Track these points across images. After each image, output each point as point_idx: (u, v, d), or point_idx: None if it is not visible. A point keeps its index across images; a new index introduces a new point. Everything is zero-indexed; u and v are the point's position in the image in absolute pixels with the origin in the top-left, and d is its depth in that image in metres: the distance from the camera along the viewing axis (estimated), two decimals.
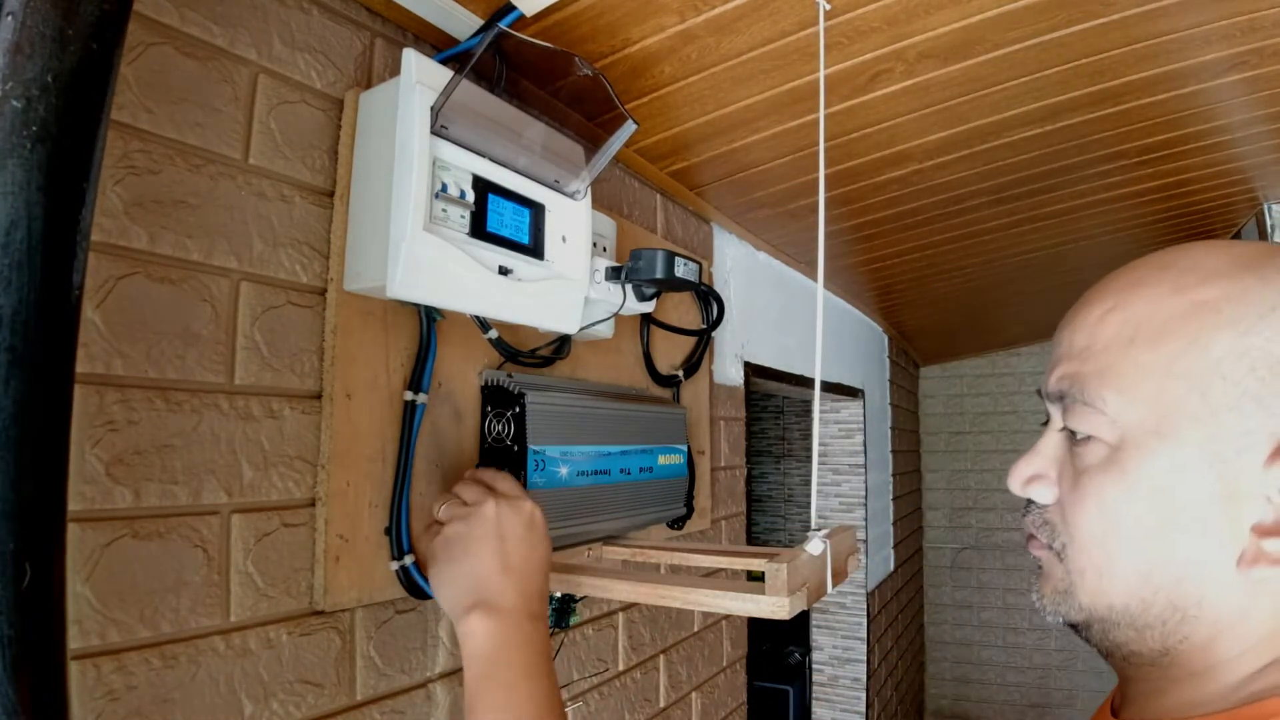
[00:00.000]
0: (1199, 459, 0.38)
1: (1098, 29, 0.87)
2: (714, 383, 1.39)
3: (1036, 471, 0.46)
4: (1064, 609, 0.45)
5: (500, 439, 0.79)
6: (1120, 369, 0.41)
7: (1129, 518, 0.40)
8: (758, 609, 0.61)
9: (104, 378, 0.52)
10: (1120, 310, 0.42)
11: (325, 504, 0.65)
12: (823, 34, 0.71)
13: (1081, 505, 0.43)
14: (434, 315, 0.74)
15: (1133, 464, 0.40)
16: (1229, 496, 0.38)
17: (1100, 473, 0.41)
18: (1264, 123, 1.23)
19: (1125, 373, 0.40)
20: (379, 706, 0.71)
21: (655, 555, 0.88)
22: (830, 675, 2.76)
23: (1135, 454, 0.40)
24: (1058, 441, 0.46)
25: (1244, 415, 0.37)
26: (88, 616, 0.51)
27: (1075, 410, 0.42)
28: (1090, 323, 0.43)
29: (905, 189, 1.37)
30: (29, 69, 0.34)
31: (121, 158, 0.54)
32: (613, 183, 1.13)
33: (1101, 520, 0.42)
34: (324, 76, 0.69)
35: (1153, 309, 0.40)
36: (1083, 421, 0.42)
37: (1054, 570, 0.45)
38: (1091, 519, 0.42)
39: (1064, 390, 0.43)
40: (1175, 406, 0.39)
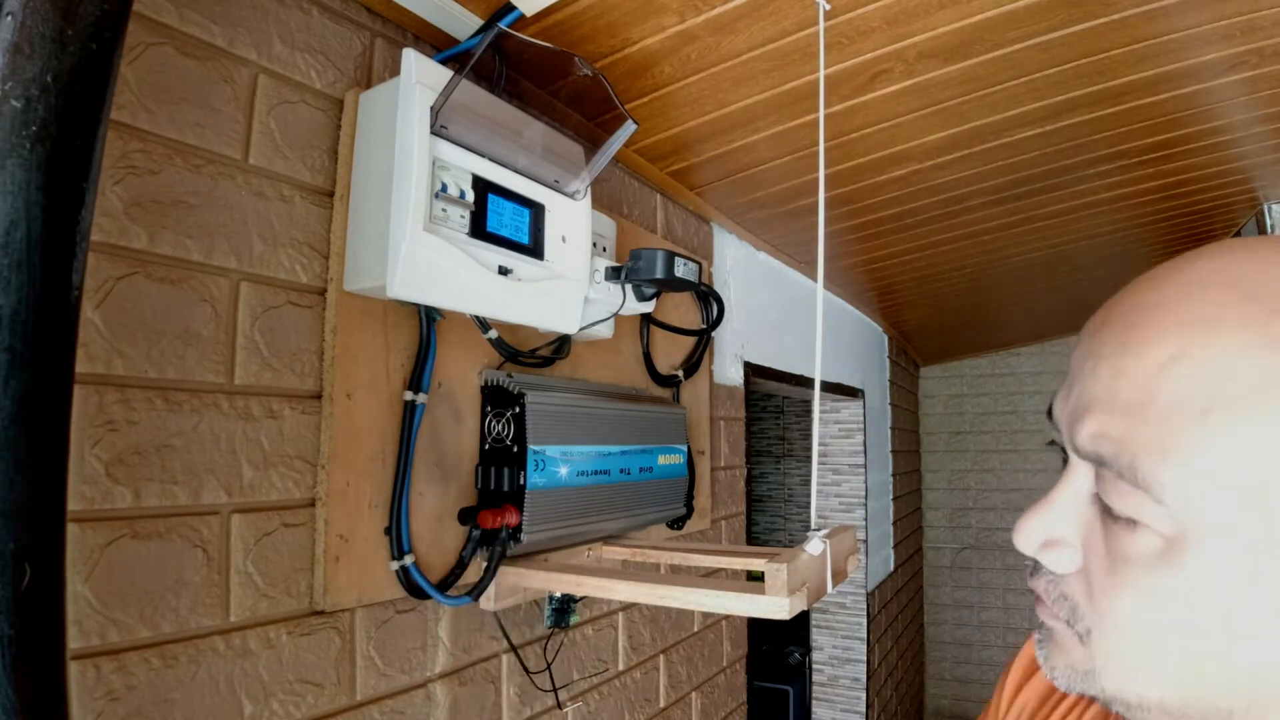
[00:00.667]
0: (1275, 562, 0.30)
1: (1098, 29, 0.87)
2: (714, 383, 1.39)
3: (1054, 536, 0.37)
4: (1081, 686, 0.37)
5: (500, 439, 0.79)
6: (1187, 447, 0.30)
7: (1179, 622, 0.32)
8: (758, 609, 0.61)
9: (104, 378, 0.52)
10: (1190, 363, 0.31)
11: (325, 504, 0.65)
12: (822, 34, 0.71)
13: (1119, 598, 0.34)
14: (434, 315, 0.74)
15: (1194, 565, 0.31)
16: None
17: (1149, 569, 0.33)
18: (1264, 123, 1.23)
19: (1194, 453, 0.30)
20: (379, 706, 0.71)
21: (655, 555, 0.88)
22: (830, 675, 2.76)
23: (1197, 555, 0.31)
24: (1082, 497, 0.36)
25: None
26: (88, 616, 0.51)
27: (1119, 488, 0.33)
28: (1145, 371, 0.32)
29: (905, 189, 1.37)
30: (29, 69, 0.34)
31: (121, 158, 0.54)
32: (613, 183, 1.13)
33: (1145, 618, 0.33)
34: (324, 76, 0.69)
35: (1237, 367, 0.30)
36: (1129, 504, 0.33)
37: (1072, 648, 0.37)
38: (1130, 614, 0.34)
39: (1105, 456, 0.33)
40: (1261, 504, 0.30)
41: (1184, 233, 1.96)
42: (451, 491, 0.77)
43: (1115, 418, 0.33)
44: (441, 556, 0.75)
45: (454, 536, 0.77)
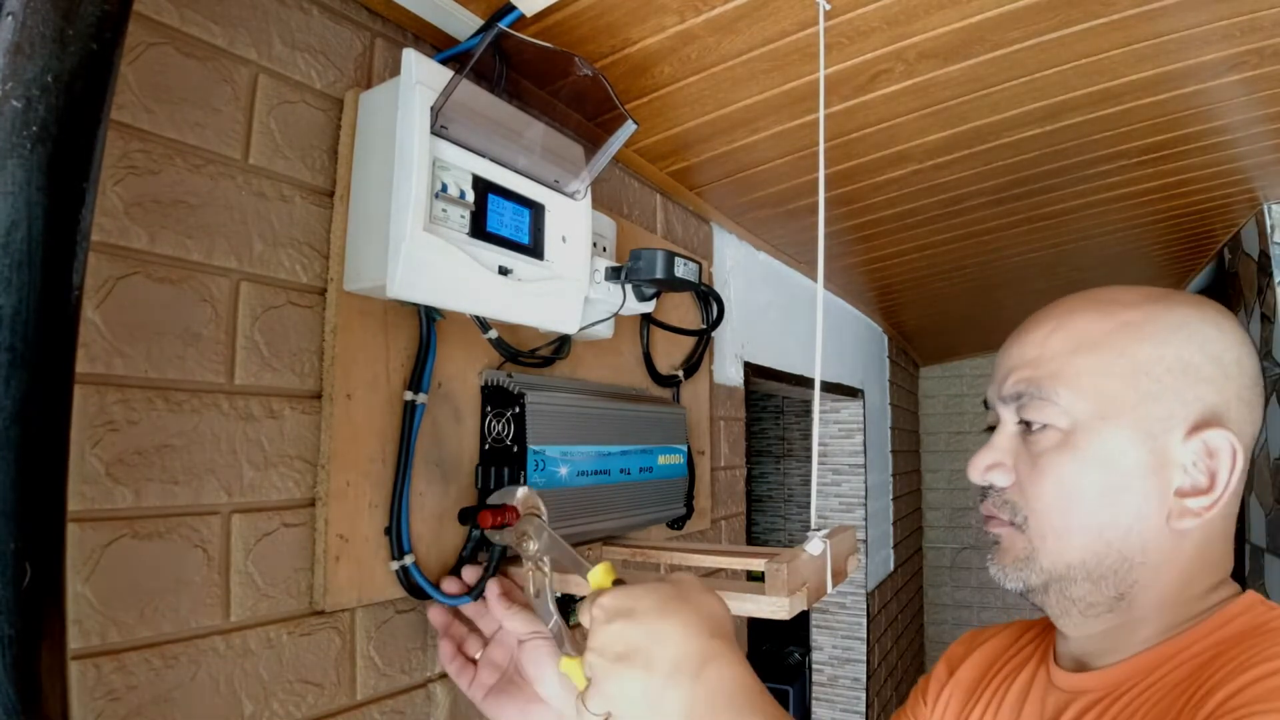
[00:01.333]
0: (1134, 438, 0.49)
1: (1098, 29, 0.87)
2: (714, 383, 1.39)
3: (995, 460, 0.54)
4: (1025, 574, 0.53)
5: (500, 439, 0.79)
6: (1068, 372, 0.51)
7: (1082, 487, 0.50)
8: (758, 609, 0.61)
9: (104, 378, 0.52)
10: (1062, 329, 0.53)
11: (325, 504, 0.65)
12: (822, 34, 0.71)
13: (1041, 481, 0.51)
14: (434, 315, 0.74)
15: (1083, 443, 0.50)
16: (1158, 466, 0.49)
17: (1056, 453, 0.51)
18: (1264, 123, 1.23)
19: (1072, 374, 0.51)
20: (379, 706, 0.71)
21: (655, 555, 0.88)
22: (830, 675, 2.76)
23: (1085, 436, 0.50)
24: (1011, 435, 0.54)
25: (1164, 404, 0.49)
26: (88, 616, 0.51)
27: (1033, 405, 0.52)
28: (1038, 340, 0.53)
29: (905, 189, 1.37)
30: (29, 69, 0.34)
31: (121, 158, 0.54)
32: (612, 183, 1.13)
33: (1060, 492, 0.51)
34: (324, 76, 0.69)
35: (1089, 327, 0.52)
36: (1040, 413, 0.51)
37: (1014, 542, 0.53)
38: (1050, 492, 0.51)
39: (1021, 390, 0.53)
40: (1113, 398, 0.49)
41: (1184, 233, 1.96)
42: (451, 491, 0.77)
43: (1026, 368, 0.53)
44: (441, 557, 0.75)
45: (454, 537, 0.77)
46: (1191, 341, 0.49)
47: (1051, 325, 0.53)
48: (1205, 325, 0.50)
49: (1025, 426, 0.53)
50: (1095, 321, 0.52)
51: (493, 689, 0.68)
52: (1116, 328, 0.51)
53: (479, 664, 0.70)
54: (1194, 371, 0.49)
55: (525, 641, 0.68)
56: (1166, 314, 0.51)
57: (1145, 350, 0.49)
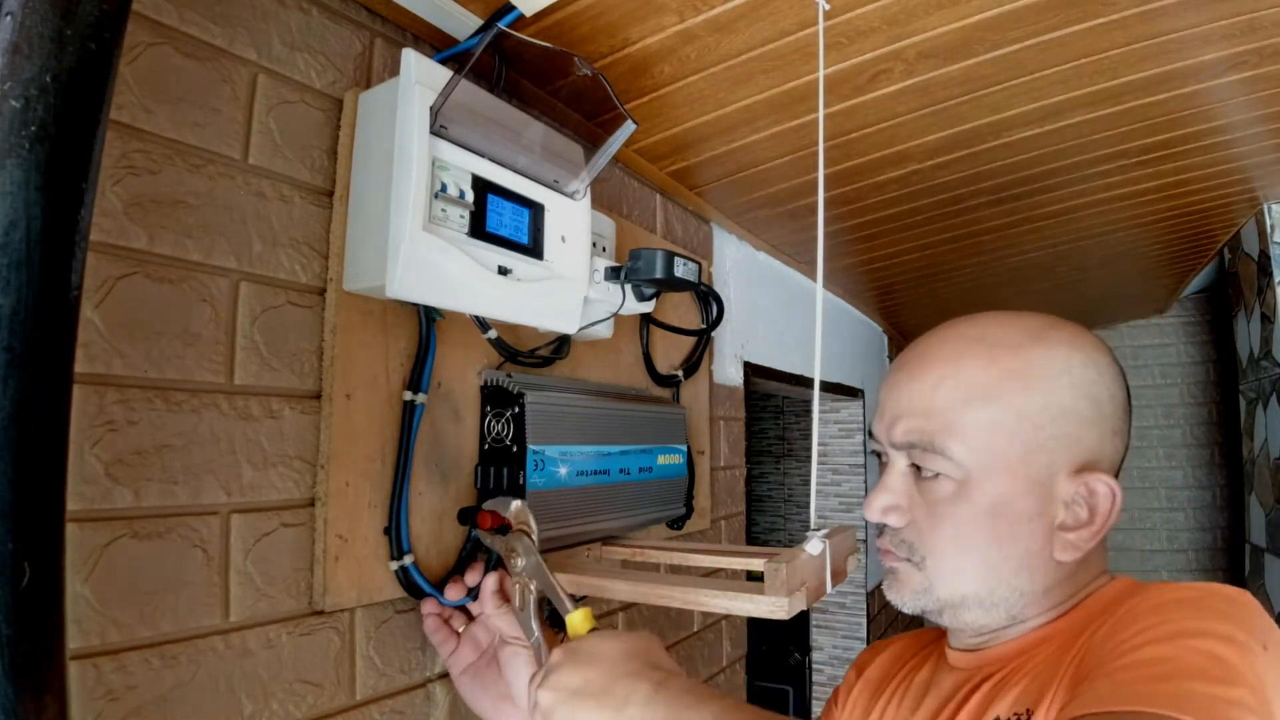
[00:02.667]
0: (1023, 486, 0.53)
1: (1097, 29, 0.87)
2: (714, 383, 1.39)
3: (891, 503, 0.57)
4: (923, 602, 0.57)
5: (500, 439, 0.79)
6: (959, 425, 0.53)
7: (976, 533, 0.53)
8: (757, 609, 0.61)
9: (103, 378, 0.52)
10: (951, 379, 0.55)
11: (325, 504, 0.65)
12: (822, 34, 0.71)
13: (938, 528, 0.55)
14: (433, 315, 0.74)
15: (976, 494, 0.53)
16: (1044, 508, 0.53)
17: (951, 503, 0.54)
18: (1263, 122, 1.23)
19: (964, 428, 0.53)
20: (379, 706, 0.71)
21: (655, 555, 0.88)
22: (830, 675, 2.76)
23: (977, 488, 0.53)
24: (902, 474, 0.57)
25: (1049, 452, 0.53)
26: (87, 616, 0.51)
27: (927, 457, 0.54)
28: (926, 389, 0.55)
29: (905, 189, 1.37)
30: (28, 69, 0.34)
31: (121, 158, 0.54)
32: (612, 183, 1.13)
33: (956, 537, 0.54)
34: (323, 76, 0.69)
35: (976, 376, 0.54)
36: (934, 464, 0.54)
37: (911, 576, 0.57)
38: (948, 537, 0.54)
39: (914, 441, 0.55)
40: (1002, 450, 0.53)
41: (1183, 233, 1.96)
42: (451, 491, 0.77)
43: (915, 418, 0.55)
44: (441, 557, 0.75)
45: (453, 537, 0.77)
46: (1074, 388, 0.53)
47: (939, 373, 0.55)
48: (1085, 368, 0.54)
49: (917, 469, 0.56)
50: (981, 370, 0.54)
51: (469, 668, 0.70)
52: (1002, 377, 0.53)
53: (461, 638, 0.72)
54: (1075, 415, 0.53)
55: (508, 644, 0.68)
56: (1049, 358, 0.54)
57: (1032, 401, 0.53)
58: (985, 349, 0.55)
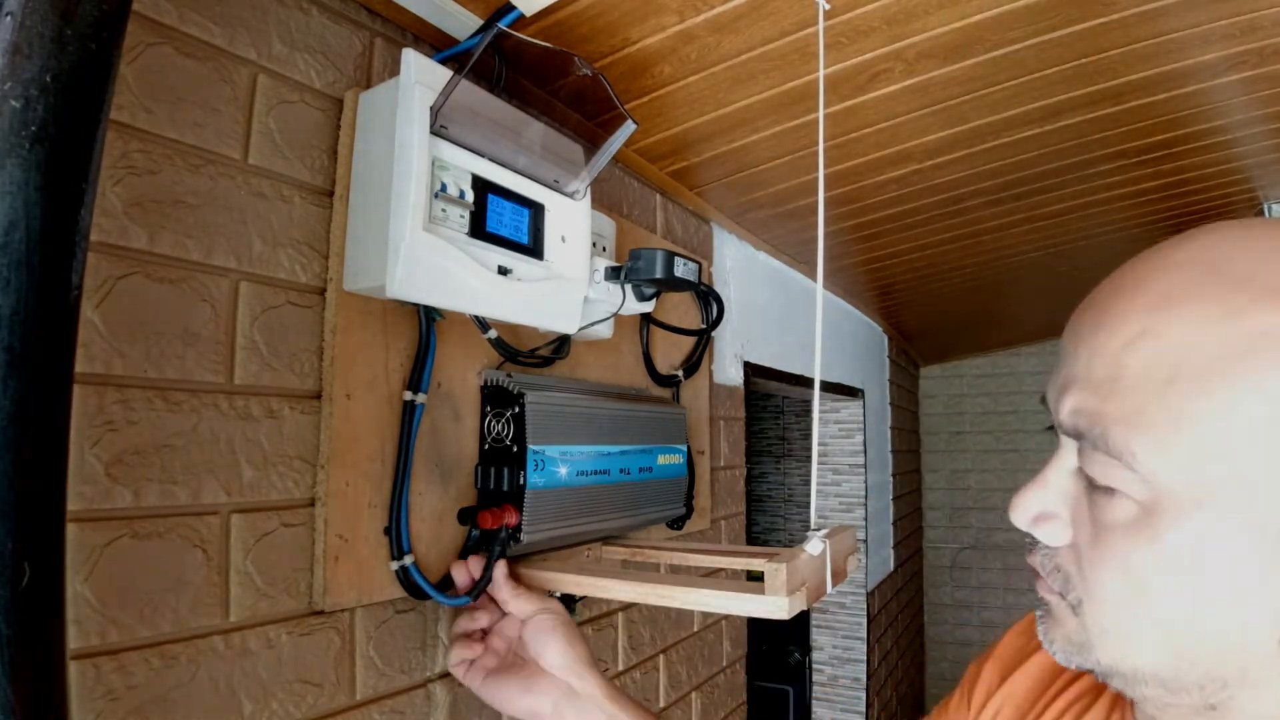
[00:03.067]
0: (1243, 529, 0.32)
1: (1097, 28, 0.87)
2: (714, 382, 1.39)
3: (1045, 510, 0.39)
4: (1078, 659, 0.39)
5: (500, 439, 0.79)
6: (1154, 418, 0.33)
7: (1160, 587, 0.35)
8: (757, 609, 0.61)
9: (103, 378, 0.52)
10: (1154, 338, 0.33)
11: (325, 504, 0.65)
12: (822, 34, 0.71)
13: (1103, 565, 0.36)
14: (433, 315, 0.74)
15: (1168, 532, 0.34)
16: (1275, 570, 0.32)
17: (1127, 534, 0.35)
18: (1263, 122, 1.23)
19: (1161, 423, 0.33)
20: (379, 706, 0.71)
21: (655, 555, 0.88)
22: (830, 675, 2.76)
23: (1171, 522, 0.34)
24: (1070, 475, 0.39)
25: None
26: (87, 616, 0.51)
27: (1096, 459, 0.36)
28: (1114, 349, 0.35)
29: (905, 189, 1.37)
30: (28, 69, 0.34)
31: (121, 158, 0.54)
32: (612, 182, 1.13)
33: (1127, 585, 0.36)
34: (323, 76, 0.69)
35: (1197, 340, 0.32)
36: (1106, 473, 0.35)
37: (1065, 620, 0.40)
38: (1115, 582, 0.36)
39: (1081, 429, 0.36)
40: (1225, 469, 0.32)
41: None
42: (451, 491, 0.77)
43: (1090, 393, 0.35)
44: (441, 557, 0.75)
45: (454, 537, 0.77)
46: None
47: (1138, 324, 0.34)
48: None
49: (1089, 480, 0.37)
50: (1209, 326, 0.32)
51: (492, 672, 0.70)
52: (1244, 344, 0.31)
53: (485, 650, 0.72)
54: None
55: (529, 620, 0.70)
56: None
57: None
58: (1221, 289, 0.33)
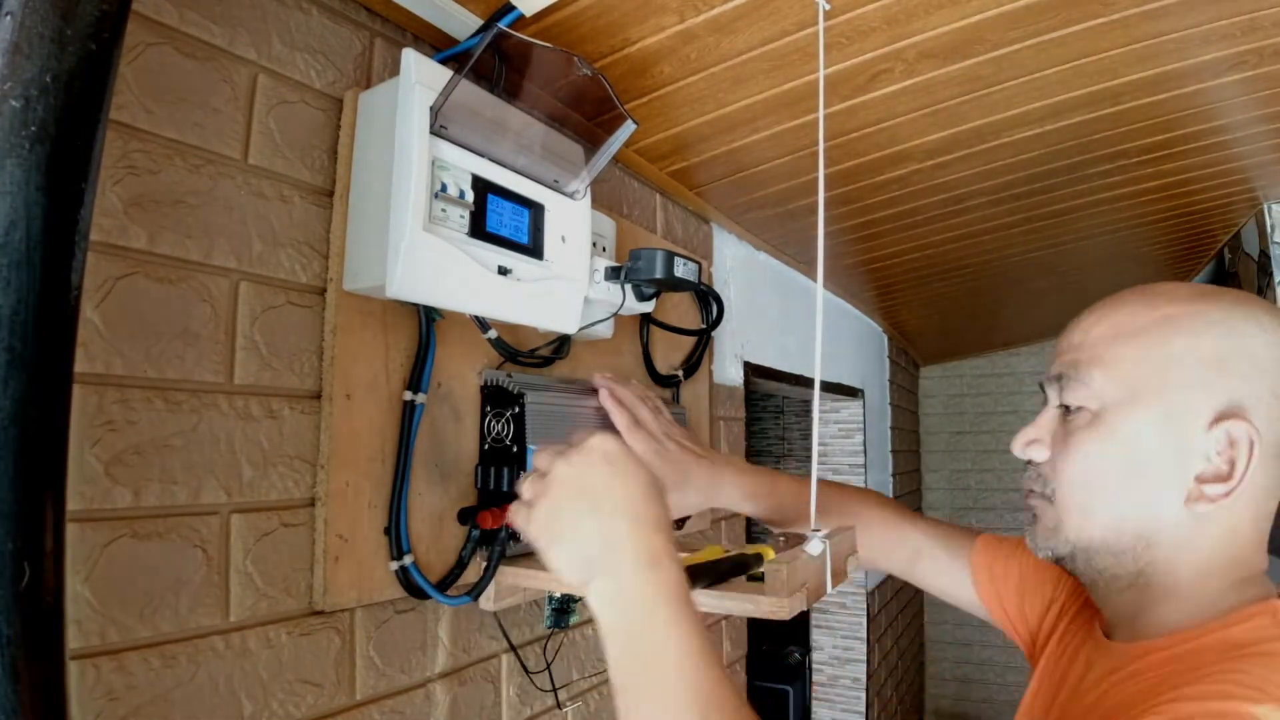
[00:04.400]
0: (1159, 423, 0.52)
1: (1097, 29, 0.87)
2: (714, 382, 1.39)
3: (1035, 436, 0.59)
4: (1054, 543, 0.57)
5: (500, 439, 0.79)
6: (1105, 357, 0.55)
7: (1105, 465, 0.54)
8: (757, 609, 0.61)
9: (103, 377, 0.52)
10: (1107, 318, 0.56)
11: (325, 504, 0.65)
12: (822, 34, 0.71)
13: (1069, 457, 0.56)
14: (433, 315, 0.74)
15: (1110, 425, 0.54)
16: (1179, 452, 0.51)
17: (1085, 431, 0.55)
18: (1263, 122, 1.23)
19: (1108, 359, 0.54)
20: (378, 706, 0.71)
21: None
22: (830, 675, 2.76)
23: (1112, 418, 0.54)
24: (1053, 416, 0.59)
25: (1191, 393, 0.51)
26: (87, 616, 0.51)
27: (1070, 387, 0.56)
28: (1084, 327, 0.58)
29: (905, 189, 1.37)
30: (28, 69, 0.34)
31: (121, 157, 0.54)
32: (612, 182, 1.13)
33: (1084, 468, 0.55)
34: (323, 76, 0.69)
35: (1131, 317, 0.55)
36: (1075, 395, 0.56)
37: (1045, 513, 0.58)
38: (1076, 467, 0.55)
39: (1063, 372, 0.57)
40: (1143, 384, 0.53)
41: (1184, 232, 1.96)
42: (451, 491, 0.77)
43: (1070, 351, 0.57)
44: (441, 556, 0.75)
45: (453, 536, 0.77)
46: (1229, 336, 0.51)
47: (1099, 314, 0.57)
48: (1246, 321, 0.52)
49: (1065, 409, 0.57)
50: (1138, 312, 0.55)
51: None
52: (1157, 320, 0.54)
53: None
54: (1225, 365, 0.51)
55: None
56: (1208, 309, 0.53)
57: (1180, 342, 0.52)
58: (1147, 298, 0.56)
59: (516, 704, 0.88)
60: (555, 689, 0.94)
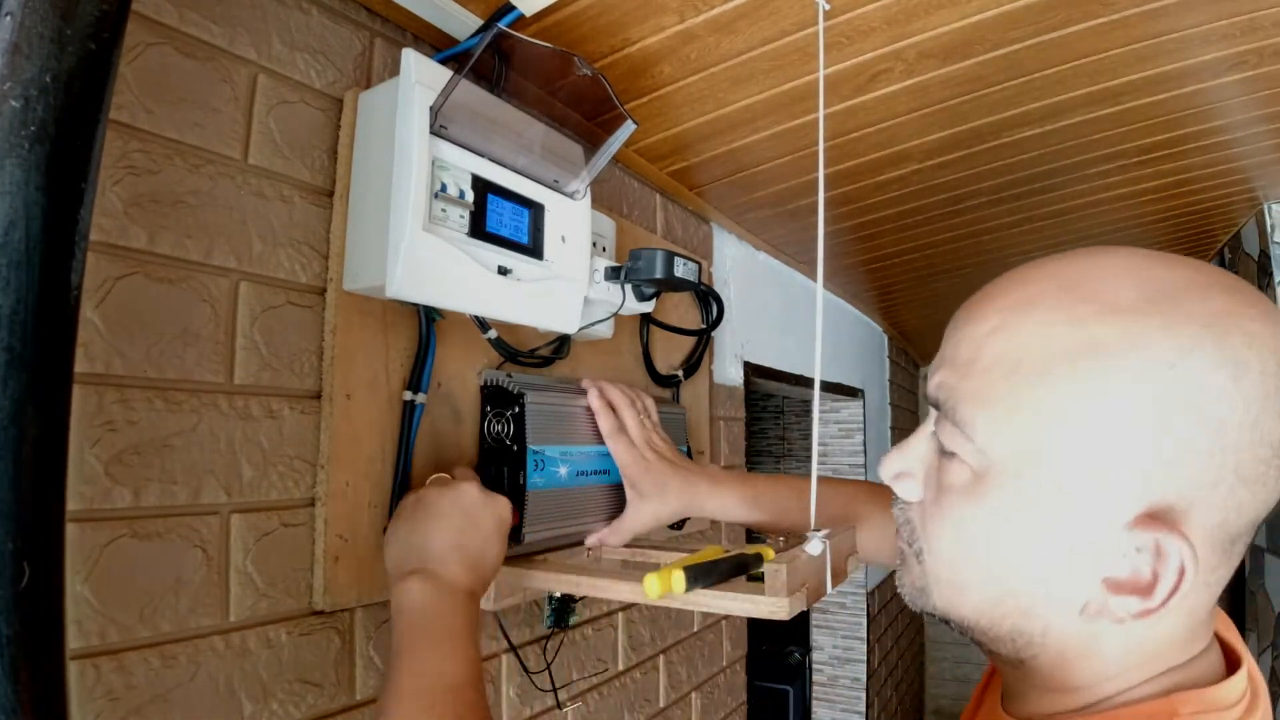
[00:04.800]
0: (1058, 508, 0.37)
1: (1097, 29, 0.87)
2: (714, 382, 1.39)
3: (904, 469, 0.46)
4: (920, 603, 0.45)
5: (500, 439, 0.79)
6: (995, 397, 0.38)
7: (982, 547, 0.40)
8: (757, 610, 0.61)
9: (103, 377, 0.52)
10: (1008, 333, 0.38)
11: (325, 504, 0.65)
12: (822, 34, 0.71)
13: (939, 522, 0.42)
14: (433, 315, 0.74)
15: (992, 497, 0.39)
16: (1085, 546, 0.37)
17: (960, 496, 0.41)
18: (1263, 122, 1.23)
19: (1000, 402, 0.38)
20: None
21: (655, 555, 0.88)
22: (830, 675, 2.76)
23: (995, 489, 0.39)
24: (929, 442, 0.45)
25: (1114, 476, 0.35)
26: (87, 616, 0.51)
27: (945, 427, 0.41)
28: (978, 337, 0.40)
29: (905, 189, 1.37)
30: (27, 69, 0.34)
31: (121, 157, 0.54)
32: (612, 183, 1.13)
33: (956, 543, 0.41)
34: (323, 76, 0.69)
35: (1043, 339, 0.37)
36: (950, 440, 0.41)
37: (912, 567, 0.45)
38: (947, 539, 0.42)
39: (940, 401, 0.42)
40: (1046, 451, 0.37)
41: (1183, 232, 1.96)
42: None
43: (952, 371, 0.41)
44: None
45: None
46: (1187, 391, 0.33)
47: (997, 319, 0.39)
48: (1217, 368, 0.33)
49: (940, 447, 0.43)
50: (1055, 329, 0.37)
51: None
52: (1077, 349, 0.36)
53: None
54: (1174, 436, 0.34)
55: None
56: (1162, 340, 0.34)
57: (1111, 393, 0.35)
58: (1072, 301, 0.37)
59: (516, 704, 0.88)
60: (555, 689, 0.94)
